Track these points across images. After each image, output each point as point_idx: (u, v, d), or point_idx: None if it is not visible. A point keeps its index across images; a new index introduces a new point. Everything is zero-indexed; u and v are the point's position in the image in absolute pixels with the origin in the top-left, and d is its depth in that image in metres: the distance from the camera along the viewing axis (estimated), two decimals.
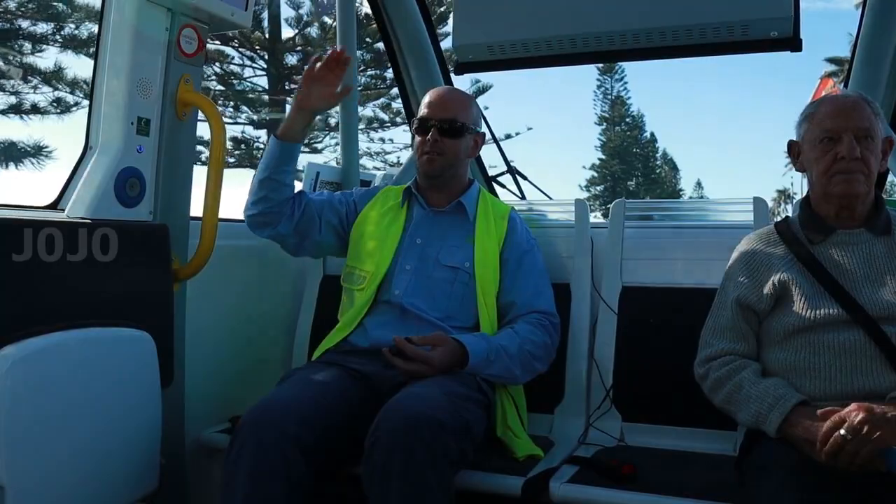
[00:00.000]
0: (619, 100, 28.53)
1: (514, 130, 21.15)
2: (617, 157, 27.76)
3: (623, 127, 27.89)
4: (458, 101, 2.20)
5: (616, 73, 28.14)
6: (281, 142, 2.06)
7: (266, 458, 1.62)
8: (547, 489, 1.77)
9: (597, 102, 28.53)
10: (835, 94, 1.81)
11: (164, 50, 1.91)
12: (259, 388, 2.02)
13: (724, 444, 2.03)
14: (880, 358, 1.60)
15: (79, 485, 1.62)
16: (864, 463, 1.42)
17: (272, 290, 2.61)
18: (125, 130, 1.85)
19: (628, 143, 28.47)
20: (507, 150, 3.19)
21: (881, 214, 1.78)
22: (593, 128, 28.75)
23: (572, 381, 2.26)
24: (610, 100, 28.69)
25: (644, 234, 2.45)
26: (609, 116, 28.70)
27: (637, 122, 29.25)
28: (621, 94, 28.67)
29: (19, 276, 1.56)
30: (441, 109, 2.16)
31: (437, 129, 2.13)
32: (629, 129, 28.35)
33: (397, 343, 1.86)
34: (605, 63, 15.28)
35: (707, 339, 1.84)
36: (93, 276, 1.70)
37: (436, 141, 2.13)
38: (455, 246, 2.12)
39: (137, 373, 1.78)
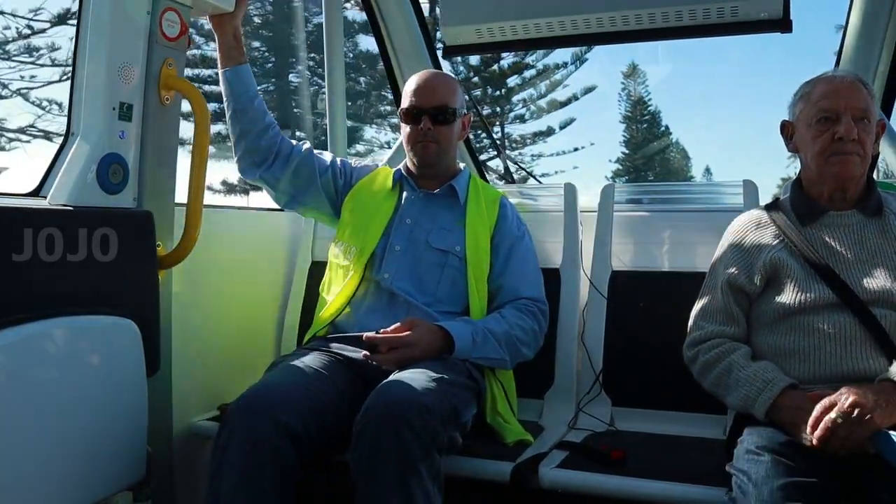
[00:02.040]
0: (640, 100, 31.02)
1: (580, 144, 25.39)
2: (639, 152, 30.36)
3: (643, 125, 30.46)
4: (446, 86, 2.17)
5: (639, 76, 30.75)
6: (225, 71, 2.08)
7: (255, 446, 1.61)
8: (536, 474, 1.76)
9: (621, 104, 31.17)
10: (830, 74, 1.79)
11: (145, 34, 1.87)
12: (248, 375, 2.01)
13: (713, 428, 2.04)
14: (870, 341, 1.60)
15: (63, 475, 1.60)
16: (854, 446, 1.42)
17: (260, 277, 2.60)
18: (107, 116, 1.81)
19: (648, 139, 31.02)
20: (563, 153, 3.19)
21: (872, 196, 1.77)
22: (618, 126, 31.86)
23: (562, 366, 2.25)
24: (632, 101, 31.21)
25: (634, 217, 2.44)
26: (631, 116, 31.22)
27: (655, 119, 31.84)
28: (642, 96, 31.29)
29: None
30: (431, 97, 2.13)
31: (429, 118, 2.11)
32: (648, 127, 30.94)
33: (368, 340, 1.84)
34: (592, 45, 16.16)
35: (696, 321, 1.84)
36: (76, 263, 1.68)
37: (429, 129, 2.11)
38: (445, 229, 2.11)
39: (122, 361, 1.76)
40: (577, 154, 23.62)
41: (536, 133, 22.98)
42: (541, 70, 21.86)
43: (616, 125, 30.48)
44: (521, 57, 20.93)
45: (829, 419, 1.43)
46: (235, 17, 2.06)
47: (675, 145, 33.00)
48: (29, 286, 1.57)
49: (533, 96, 22.30)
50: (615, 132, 30.90)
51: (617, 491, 1.72)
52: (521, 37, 2.52)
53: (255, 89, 2.13)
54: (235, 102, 2.09)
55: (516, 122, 22.55)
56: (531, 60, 21.36)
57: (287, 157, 2.14)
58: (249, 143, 2.11)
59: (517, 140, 22.30)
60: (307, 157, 2.18)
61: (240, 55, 2.09)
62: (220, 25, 2.06)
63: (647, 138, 30.22)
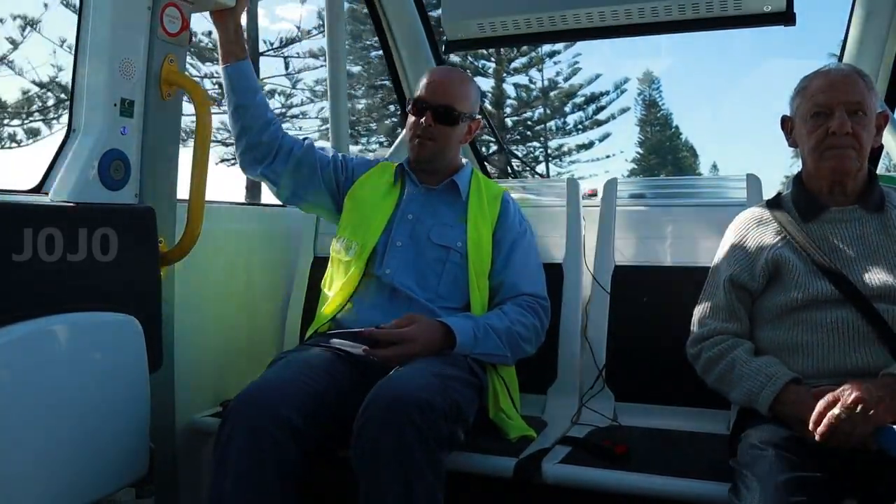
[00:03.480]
0: (654, 104, 34.36)
1: (612, 152, 28.56)
2: (653, 153, 33.30)
3: (656, 127, 33.72)
4: (458, 87, 2.15)
5: (654, 83, 34.17)
6: (227, 66, 2.08)
7: (256, 442, 1.60)
8: (540, 470, 1.76)
9: (637, 108, 33.98)
10: (827, 68, 1.79)
11: (146, 30, 1.87)
12: (251, 371, 2.01)
13: (717, 424, 2.03)
14: (872, 335, 1.60)
15: (66, 471, 1.61)
16: (857, 442, 1.41)
17: (262, 273, 2.59)
18: (108, 112, 1.81)
19: (660, 139, 34.02)
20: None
21: (874, 191, 1.77)
22: (634, 128, 35.01)
23: (565, 361, 2.25)
24: (646, 104, 34.30)
25: (636, 212, 2.43)
26: (646, 118, 34.11)
27: (667, 121, 34.78)
28: (655, 100, 34.65)
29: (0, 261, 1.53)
30: (439, 94, 2.12)
31: (431, 114, 2.10)
32: (661, 129, 34.15)
33: (367, 335, 1.82)
34: (596, 39, 18.49)
35: (700, 318, 1.84)
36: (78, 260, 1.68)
37: (429, 125, 2.10)
38: (447, 225, 2.10)
39: (124, 358, 1.76)
40: (608, 161, 27.98)
41: (579, 146, 27.91)
42: (588, 97, 26.93)
43: (633, 128, 33.78)
44: (577, 88, 26.64)
45: (833, 415, 1.42)
46: (237, 13, 2.06)
47: (685, 144, 35.68)
48: (31, 283, 1.57)
49: (581, 118, 27.26)
50: (634, 135, 33.44)
51: (620, 486, 1.71)
52: (522, 31, 2.51)
53: (257, 85, 2.12)
54: (237, 98, 2.08)
55: (565, 136, 27.77)
56: (582, 89, 26.84)
57: (289, 152, 2.14)
58: (251, 138, 2.10)
59: (565, 151, 27.80)
60: (309, 153, 2.17)
61: (241, 50, 2.08)
62: (222, 21, 2.06)
63: (661, 140, 33.39)
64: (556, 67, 27.03)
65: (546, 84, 27.07)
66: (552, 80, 26.98)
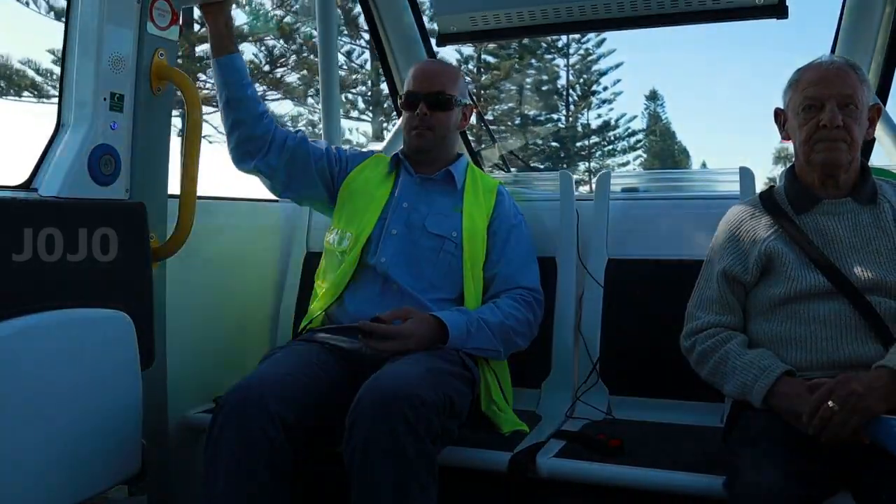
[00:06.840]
0: (657, 116, 37.75)
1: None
2: (657, 159, 36.08)
3: (658, 136, 36.99)
4: (446, 74, 2.17)
5: (659, 100, 37.42)
6: (218, 60, 2.05)
7: (248, 438, 1.60)
8: (534, 464, 1.76)
9: (643, 120, 37.01)
10: (818, 61, 1.79)
11: (136, 23, 1.86)
12: (243, 367, 2.00)
13: (711, 417, 2.03)
14: (865, 328, 1.60)
15: (57, 469, 1.60)
16: (850, 434, 1.42)
17: (254, 269, 2.58)
18: (98, 107, 1.80)
19: (662, 146, 37.25)
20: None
21: (867, 183, 1.77)
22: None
23: (559, 355, 2.24)
24: (651, 116, 37.63)
25: (630, 206, 2.43)
26: (650, 128, 36.94)
27: (667, 129, 37.98)
28: (658, 113, 37.96)
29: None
30: (429, 83, 2.12)
31: (425, 103, 2.10)
32: (662, 139, 37.48)
33: (364, 328, 1.83)
34: (587, 32, 19.63)
35: (693, 311, 1.83)
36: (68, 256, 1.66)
37: (425, 115, 2.10)
38: (442, 214, 2.10)
39: (115, 354, 1.75)
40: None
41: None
42: (618, 118, 30.11)
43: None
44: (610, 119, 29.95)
45: (826, 407, 1.43)
46: (226, 6, 2.04)
47: (679, 145, 38.97)
48: (19, 281, 1.56)
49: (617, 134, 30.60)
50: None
51: (615, 479, 1.71)
52: (514, 24, 2.50)
53: (248, 78, 2.10)
54: (229, 92, 2.06)
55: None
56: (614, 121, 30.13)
57: (281, 145, 2.12)
58: (244, 132, 2.08)
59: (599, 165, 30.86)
60: (302, 145, 2.16)
61: (231, 44, 2.06)
62: (212, 14, 2.04)
63: (664, 148, 36.93)
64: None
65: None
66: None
